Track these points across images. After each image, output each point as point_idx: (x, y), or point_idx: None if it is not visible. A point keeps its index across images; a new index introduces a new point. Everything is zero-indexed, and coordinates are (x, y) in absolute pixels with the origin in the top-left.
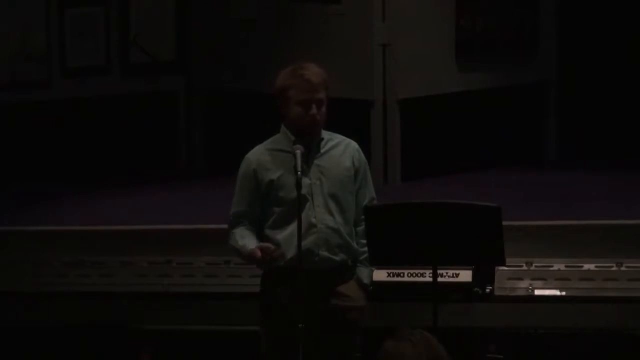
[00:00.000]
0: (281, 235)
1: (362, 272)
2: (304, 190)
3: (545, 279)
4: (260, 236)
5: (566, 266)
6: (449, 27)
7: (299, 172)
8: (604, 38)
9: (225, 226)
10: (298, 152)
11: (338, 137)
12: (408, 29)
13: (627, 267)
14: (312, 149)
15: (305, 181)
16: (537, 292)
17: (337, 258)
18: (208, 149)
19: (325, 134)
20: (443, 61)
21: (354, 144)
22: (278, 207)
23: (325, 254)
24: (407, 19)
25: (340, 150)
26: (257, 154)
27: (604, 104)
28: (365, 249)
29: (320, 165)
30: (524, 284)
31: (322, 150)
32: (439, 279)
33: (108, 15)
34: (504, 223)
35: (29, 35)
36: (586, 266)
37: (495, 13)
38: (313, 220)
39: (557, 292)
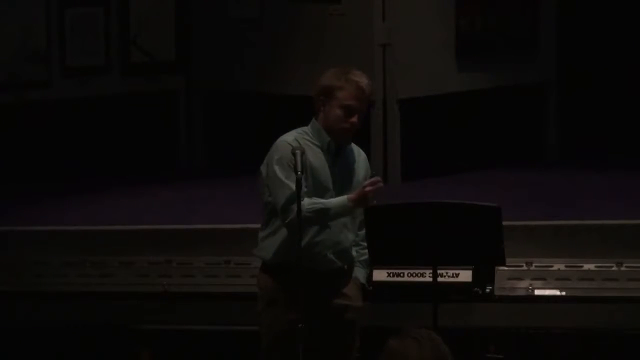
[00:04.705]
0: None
1: (360, 272)
2: (324, 190)
3: (545, 279)
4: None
5: (566, 266)
6: (449, 27)
7: (299, 172)
8: (604, 38)
9: (226, 226)
10: (298, 152)
11: (351, 143)
12: (408, 29)
13: (627, 267)
14: (339, 152)
15: (329, 181)
16: (537, 292)
17: (339, 263)
18: (208, 149)
19: None
20: (443, 61)
21: (363, 153)
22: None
23: (330, 256)
24: (407, 19)
25: (355, 157)
26: (296, 138)
27: (604, 104)
28: (366, 251)
29: (342, 169)
30: (524, 284)
31: (346, 155)
32: (439, 279)
33: (108, 15)
34: (504, 223)
35: (29, 35)
36: (586, 266)
37: (495, 13)
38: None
39: (557, 292)
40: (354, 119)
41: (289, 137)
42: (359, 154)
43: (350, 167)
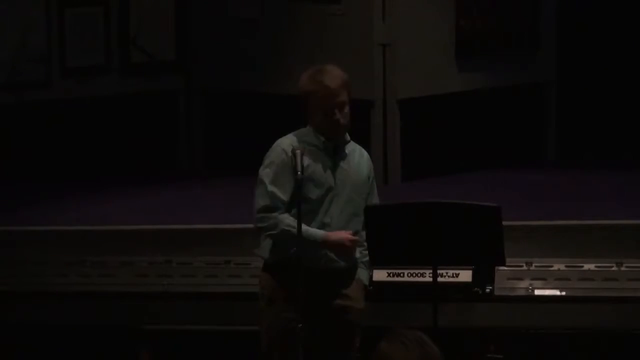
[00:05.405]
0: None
1: (363, 274)
2: (327, 190)
3: (545, 279)
4: None
5: (566, 266)
6: (449, 27)
7: (299, 172)
8: (603, 38)
9: (226, 226)
10: (298, 152)
11: (352, 142)
12: (408, 29)
13: (627, 267)
14: (338, 150)
15: (331, 181)
16: (537, 292)
17: (341, 263)
18: (208, 149)
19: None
20: (443, 61)
21: (366, 153)
22: (303, 198)
23: (331, 255)
24: (407, 19)
25: (357, 156)
26: (292, 142)
27: (604, 104)
28: (367, 251)
29: (344, 168)
30: (524, 284)
31: (346, 152)
32: (439, 279)
33: (108, 15)
34: (504, 223)
35: (29, 35)
36: (586, 266)
37: (495, 13)
38: (327, 219)
39: (557, 292)
40: (336, 116)
41: (285, 142)
42: (362, 155)
43: (352, 167)
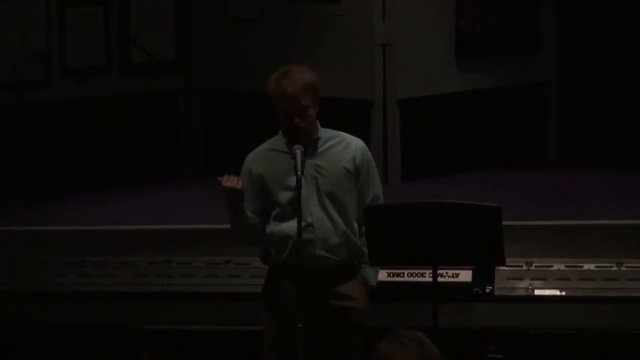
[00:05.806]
0: (281, 233)
1: (368, 273)
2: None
3: (545, 279)
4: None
5: (566, 266)
6: (449, 27)
7: (299, 172)
8: (603, 38)
9: (226, 226)
10: (298, 152)
11: (341, 136)
12: (408, 29)
13: (627, 267)
14: (307, 149)
15: (299, 182)
16: (537, 292)
17: (335, 257)
18: (208, 149)
19: (326, 133)
20: (443, 61)
21: (357, 142)
22: (275, 205)
23: (322, 252)
24: (407, 19)
25: (340, 148)
26: (254, 153)
27: (604, 104)
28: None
29: (316, 164)
30: (524, 284)
31: (319, 150)
32: (439, 279)
33: (108, 15)
34: (504, 223)
35: (29, 35)
36: (586, 266)
37: (495, 13)
38: (310, 219)
39: (557, 292)
40: (295, 121)
41: (251, 154)
42: (347, 146)
43: (327, 158)
